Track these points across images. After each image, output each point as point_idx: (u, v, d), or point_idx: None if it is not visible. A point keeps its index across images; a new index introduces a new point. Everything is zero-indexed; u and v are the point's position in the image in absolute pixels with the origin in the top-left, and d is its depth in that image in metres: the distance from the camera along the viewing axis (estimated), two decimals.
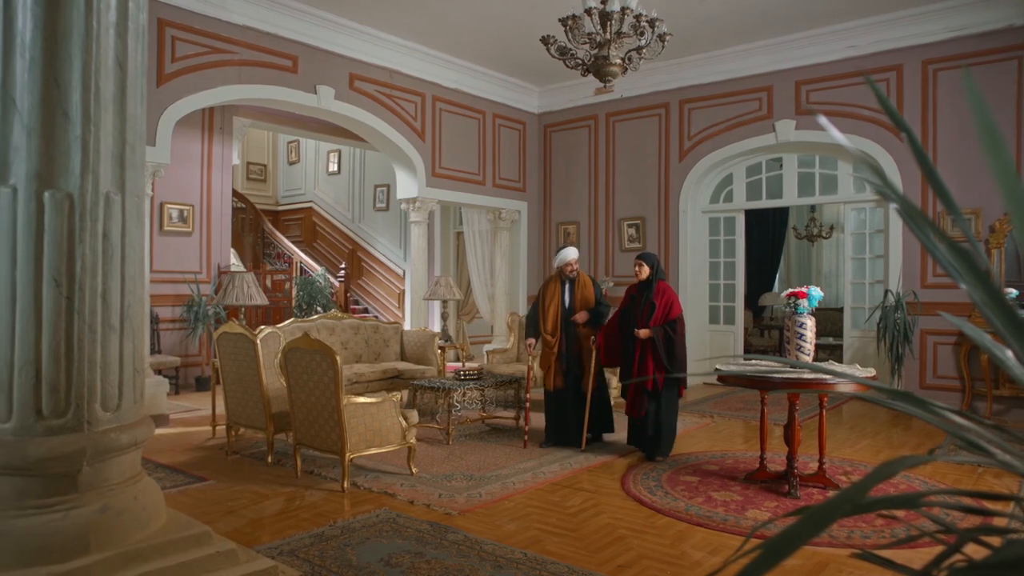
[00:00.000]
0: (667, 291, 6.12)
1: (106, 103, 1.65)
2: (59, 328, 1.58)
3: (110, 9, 1.67)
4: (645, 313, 6.09)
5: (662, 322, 6.01)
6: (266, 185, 15.23)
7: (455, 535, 4.36)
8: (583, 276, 6.72)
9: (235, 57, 7.68)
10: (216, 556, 1.76)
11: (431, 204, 9.75)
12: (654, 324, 6.00)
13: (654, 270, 6.17)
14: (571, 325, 6.53)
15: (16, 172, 1.58)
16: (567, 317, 6.53)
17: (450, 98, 9.99)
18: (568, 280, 6.62)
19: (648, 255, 6.29)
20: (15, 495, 1.57)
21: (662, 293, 6.06)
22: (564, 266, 6.63)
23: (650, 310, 6.08)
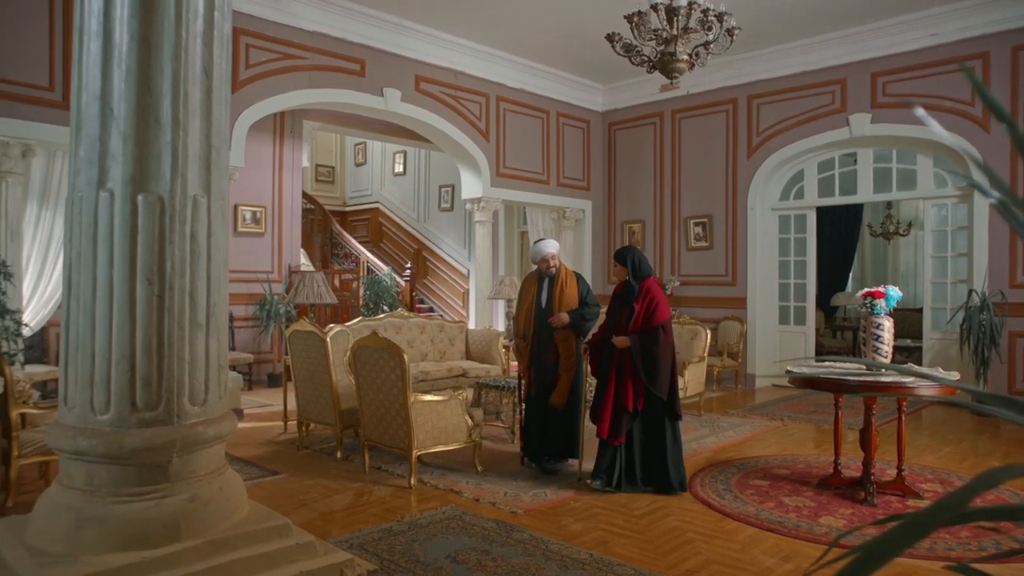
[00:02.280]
0: (651, 291, 5.19)
1: (194, 109, 1.73)
2: (151, 325, 1.66)
3: (198, 19, 1.75)
4: (624, 318, 5.20)
5: (642, 328, 5.10)
6: (334, 187, 15.59)
7: (520, 534, 4.37)
8: (565, 272, 5.85)
9: (306, 62, 7.88)
10: (296, 547, 1.82)
11: (495, 204, 9.80)
12: (633, 330, 5.10)
13: (634, 269, 5.25)
14: (545, 328, 5.70)
15: (113, 177, 1.66)
16: (541, 319, 5.71)
17: (514, 98, 10.02)
18: (547, 277, 5.80)
19: (623, 252, 5.37)
20: (112, 483, 1.65)
21: (644, 294, 5.15)
22: (540, 262, 5.82)
23: (629, 315, 5.18)
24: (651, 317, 5.09)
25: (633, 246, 5.48)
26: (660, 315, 5.10)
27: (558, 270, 5.78)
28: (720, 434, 7.09)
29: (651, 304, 5.11)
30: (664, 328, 5.10)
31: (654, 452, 5.16)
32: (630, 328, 5.12)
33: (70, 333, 1.70)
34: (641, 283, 5.18)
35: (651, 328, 5.08)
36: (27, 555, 1.60)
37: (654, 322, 5.09)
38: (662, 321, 5.09)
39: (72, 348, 1.68)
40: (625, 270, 5.29)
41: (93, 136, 1.67)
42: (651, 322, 5.09)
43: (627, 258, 5.29)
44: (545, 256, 5.79)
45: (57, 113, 6.12)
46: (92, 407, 1.66)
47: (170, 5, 1.69)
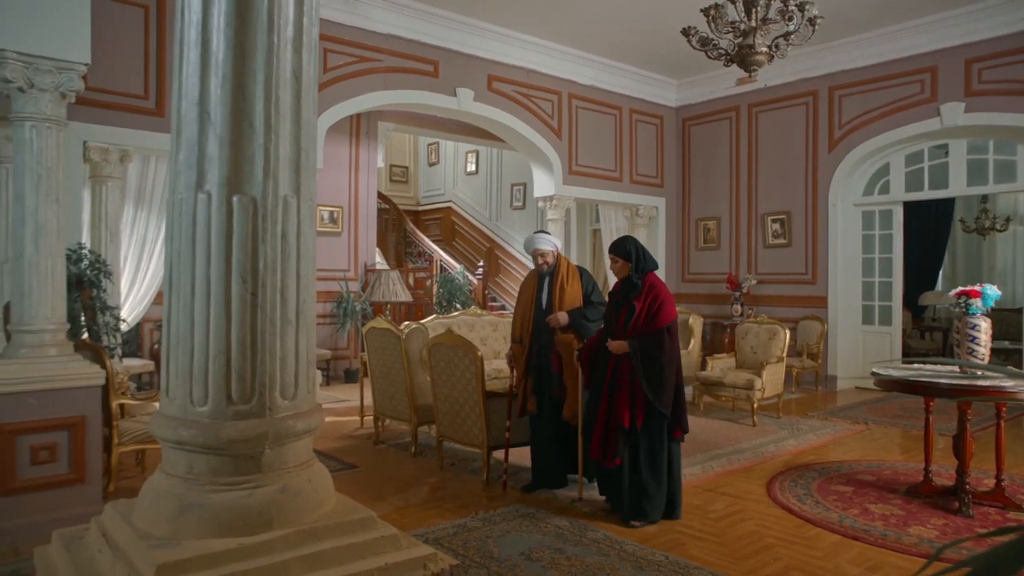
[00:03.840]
0: (655, 289, 4.42)
1: (284, 112, 1.79)
2: (245, 321, 1.73)
3: (288, 25, 1.81)
4: (622, 319, 4.45)
5: (643, 331, 4.33)
6: (408, 186, 15.88)
7: (594, 533, 4.35)
8: (566, 268, 5.17)
9: (380, 65, 8.05)
10: (381, 540, 1.86)
11: (568, 202, 9.77)
12: (632, 333, 4.35)
13: (635, 262, 4.47)
14: (544, 331, 5.09)
15: (210, 179, 1.74)
16: (540, 321, 5.11)
17: (586, 95, 9.96)
18: (546, 274, 5.20)
19: (620, 244, 4.58)
20: (210, 471, 1.73)
21: (647, 292, 4.39)
22: (532, 255, 5.24)
23: (628, 315, 4.41)
24: (654, 317, 4.30)
25: (631, 236, 4.76)
26: (665, 315, 4.33)
27: (557, 265, 5.15)
28: (799, 437, 6.88)
29: (655, 302, 4.33)
30: (670, 331, 4.33)
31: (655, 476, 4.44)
32: (629, 330, 4.36)
33: (171, 328, 1.79)
34: (644, 277, 4.44)
35: (654, 331, 4.30)
36: (135, 537, 1.70)
37: (658, 323, 4.30)
38: (668, 322, 4.32)
39: (173, 342, 1.77)
40: (626, 265, 4.50)
41: (192, 141, 1.75)
42: (654, 323, 4.30)
43: (629, 250, 4.50)
44: (535, 252, 5.17)
45: (151, 120, 6.44)
46: (191, 399, 1.74)
47: (263, 12, 1.76)
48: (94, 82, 4.73)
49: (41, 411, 4.40)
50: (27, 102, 4.40)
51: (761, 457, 6.11)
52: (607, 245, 10.83)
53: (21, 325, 4.46)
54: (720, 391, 7.75)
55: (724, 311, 10.33)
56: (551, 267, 5.13)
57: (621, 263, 4.52)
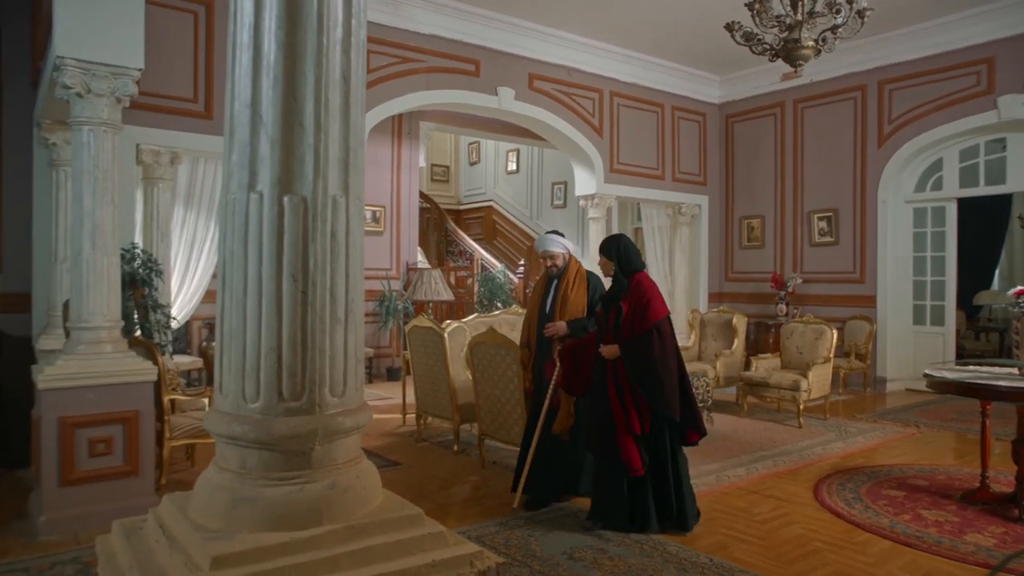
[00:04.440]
0: (641, 288, 4.28)
1: (333, 113, 1.81)
2: (296, 319, 1.76)
3: (337, 27, 1.83)
4: (611, 322, 4.32)
5: (632, 333, 4.20)
6: (449, 185, 15.97)
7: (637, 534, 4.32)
8: (574, 273, 4.95)
9: (422, 65, 8.11)
10: (428, 537, 1.87)
11: (609, 200, 9.72)
12: (623, 336, 4.23)
13: (620, 261, 4.36)
14: (544, 337, 4.91)
15: (262, 180, 1.77)
16: (542, 326, 4.96)
17: (628, 92, 9.89)
18: (554, 277, 5.01)
19: (605, 243, 4.49)
20: (262, 466, 1.76)
21: (633, 291, 4.27)
22: (543, 258, 5.05)
23: (615, 317, 4.29)
24: (642, 317, 4.18)
25: (621, 234, 4.64)
26: (653, 313, 4.19)
27: (566, 269, 4.94)
28: (847, 439, 6.73)
29: (640, 301, 4.20)
30: (659, 329, 4.19)
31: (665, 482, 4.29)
32: (621, 333, 4.23)
33: (224, 326, 1.83)
34: (630, 278, 4.33)
35: (643, 331, 4.17)
36: (191, 529, 1.74)
37: (646, 324, 4.17)
38: (656, 321, 4.18)
39: (226, 340, 1.81)
40: (611, 263, 4.40)
41: (244, 142, 1.78)
42: (643, 324, 4.18)
43: (612, 249, 4.39)
44: (543, 253, 4.99)
45: (200, 123, 6.59)
46: (244, 395, 1.77)
47: (312, 14, 1.79)
48: (146, 86, 4.87)
49: (98, 405, 4.55)
50: (85, 107, 4.55)
51: (807, 459, 6.00)
52: (649, 244, 10.76)
53: (79, 322, 4.61)
54: (765, 392, 7.62)
55: (768, 311, 10.15)
56: (560, 270, 4.93)
57: (604, 260, 4.44)
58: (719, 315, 8.98)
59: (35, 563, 3.94)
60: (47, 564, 3.92)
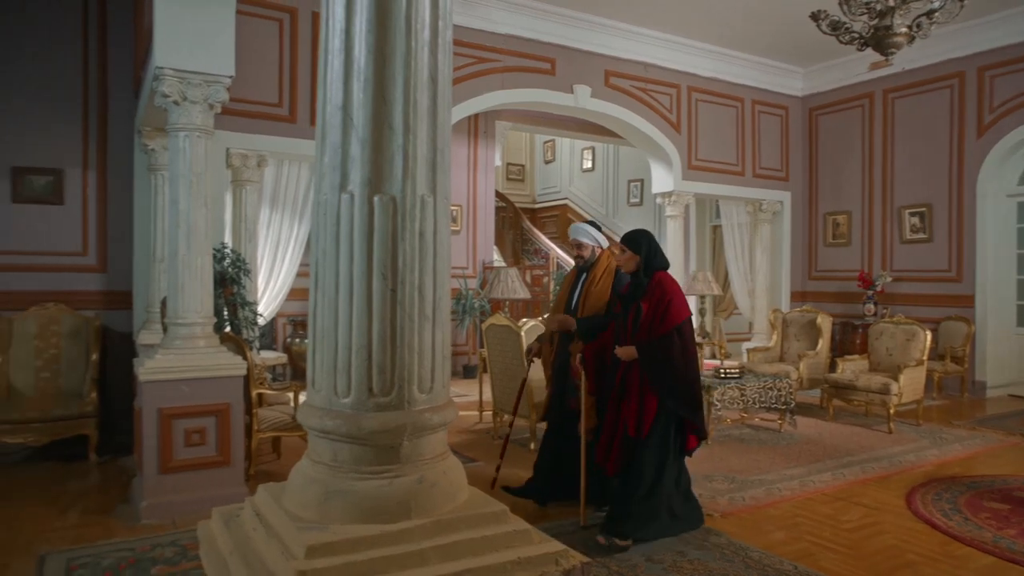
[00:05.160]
0: (662, 287, 4.06)
1: (421, 114, 1.84)
2: (385, 317, 1.80)
3: (425, 29, 1.86)
4: (630, 322, 4.14)
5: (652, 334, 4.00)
6: (524, 184, 16.02)
7: (718, 538, 4.24)
8: (603, 266, 4.69)
9: (499, 65, 8.15)
10: (513, 534, 1.88)
11: (687, 198, 9.53)
12: (641, 337, 4.03)
13: (647, 258, 4.13)
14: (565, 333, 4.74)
15: (353, 180, 1.82)
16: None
17: (706, 87, 9.68)
18: (583, 269, 4.77)
19: (633, 236, 4.23)
20: (353, 460, 1.81)
21: (654, 290, 4.04)
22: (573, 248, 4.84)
23: (635, 317, 4.10)
24: (663, 319, 3.97)
25: (647, 230, 4.36)
26: (674, 315, 3.98)
27: (595, 263, 4.70)
28: (943, 447, 6.40)
29: (661, 301, 3.99)
30: (680, 332, 4.00)
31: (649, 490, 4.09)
32: (639, 334, 4.03)
33: (316, 323, 1.88)
34: (651, 277, 4.10)
35: (663, 333, 3.97)
36: (286, 518, 1.80)
37: (667, 325, 3.96)
38: (678, 323, 3.99)
39: (318, 337, 1.87)
40: (634, 258, 4.13)
41: (336, 144, 1.83)
42: (663, 325, 3.97)
43: (643, 243, 4.13)
44: (572, 242, 4.78)
45: (285, 126, 6.82)
46: (335, 391, 1.83)
47: (401, 17, 1.82)
48: (235, 93, 5.09)
49: (192, 398, 4.77)
50: (181, 114, 4.78)
51: (899, 467, 5.74)
52: (728, 241, 10.51)
53: (175, 319, 4.85)
54: (852, 395, 7.33)
55: (855, 310, 9.75)
56: (587, 262, 4.71)
57: (629, 255, 4.14)
58: (802, 315, 8.69)
59: (138, 544, 4.18)
60: (148, 546, 4.14)
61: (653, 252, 4.15)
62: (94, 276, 6.94)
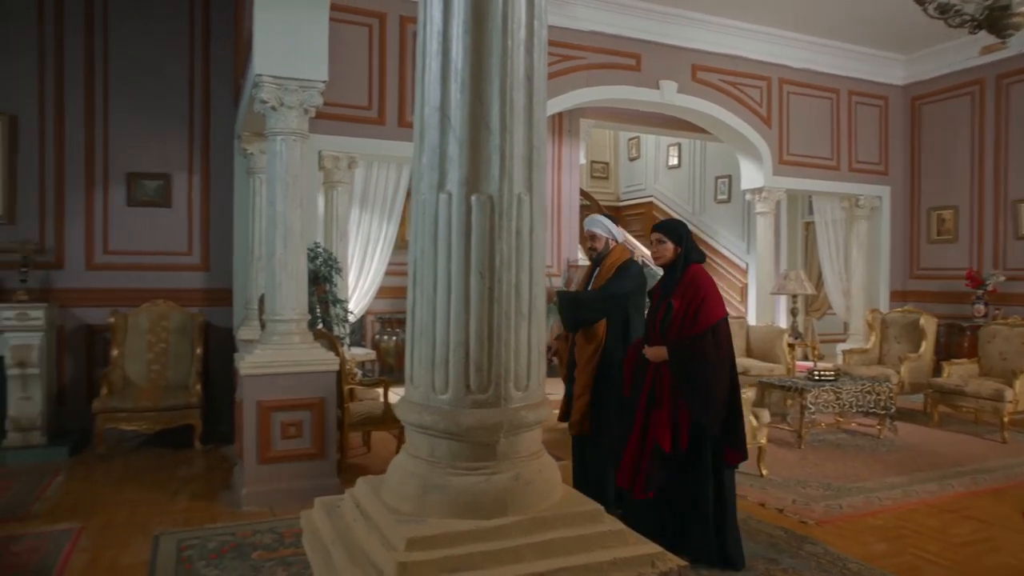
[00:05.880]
0: (697, 280, 3.73)
1: (518, 113, 1.85)
2: (482, 314, 1.82)
3: (520, 28, 1.87)
4: (659, 319, 3.79)
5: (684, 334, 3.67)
6: (608, 182, 15.88)
7: (813, 546, 4.09)
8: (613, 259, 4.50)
9: (583, 62, 8.10)
10: (608, 534, 1.87)
11: (778, 194, 9.22)
12: (672, 337, 3.70)
13: (687, 249, 3.82)
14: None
15: (450, 180, 1.85)
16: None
17: (798, 79, 9.32)
18: (596, 262, 4.62)
19: (672, 225, 3.93)
20: (450, 456, 1.84)
21: (687, 287, 3.70)
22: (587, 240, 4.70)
23: (665, 314, 3.75)
24: (696, 318, 3.63)
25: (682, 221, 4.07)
26: (708, 314, 3.63)
27: (606, 256, 4.54)
28: None
29: (694, 299, 3.65)
30: (716, 332, 3.64)
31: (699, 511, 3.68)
32: (670, 334, 3.70)
33: (415, 320, 1.92)
34: (686, 270, 3.76)
35: (696, 334, 3.62)
36: (385, 510, 1.85)
37: (700, 325, 3.62)
38: (712, 323, 3.63)
39: (417, 333, 1.90)
40: (673, 248, 3.81)
41: (434, 144, 1.87)
42: (697, 325, 3.62)
43: (684, 233, 3.83)
44: (586, 232, 4.62)
45: (375, 128, 6.99)
46: (433, 387, 1.86)
47: (497, 18, 1.84)
48: (328, 97, 5.26)
49: (289, 391, 4.97)
50: (278, 119, 4.99)
51: (1015, 479, 5.38)
52: (822, 238, 10.10)
53: (273, 315, 5.06)
54: (960, 401, 6.92)
55: (962, 311, 9.18)
56: (599, 255, 4.56)
57: (668, 245, 3.82)
58: (903, 315, 8.26)
59: (239, 529, 4.39)
60: (249, 531, 4.34)
61: (692, 242, 3.88)
62: (198, 274, 7.32)
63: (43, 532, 4.32)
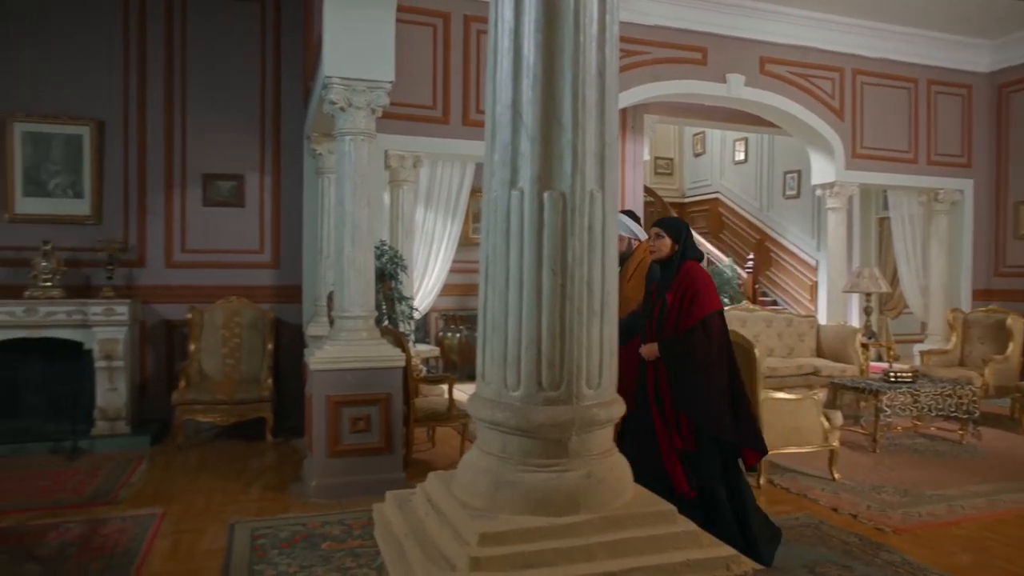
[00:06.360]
0: (689, 277, 3.69)
1: (589, 109, 1.84)
2: (555, 311, 1.82)
3: (592, 24, 1.86)
4: (655, 316, 3.78)
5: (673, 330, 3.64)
6: (672, 178, 15.64)
7: (890, 555, 3.94)
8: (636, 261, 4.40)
9: (648, 57, 8.00)
10: (682, 535, 1.84)
11: (851, 189, 8.90)
12: (668, 333, 3.67)
13: (685, 246, 3.78)
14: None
15: (522, 177, 1.85)
16: None
17: (873, 69, 8.98)
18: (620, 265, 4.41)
19: (672, 221, 3.92)
20: (521, 453, 1.85)
21: (680, 281, 3.67)
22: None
23: (661, 310, 3.74)
24: (688, 312, 3.58)
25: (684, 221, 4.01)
26: (700, 307, 3.58)
27: (629, 257, 4.43)
28: None
29: (687, 293, 3.60)
30: (707, 326, 3.58)
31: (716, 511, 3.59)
32: (665, 329, 3.67)
33: (487, 317, 1.93)
34: (680, 266, 3.71)
35: (687, 328, 3.56)
36: (457, 505, 1.87)
37: (691, 319, 3.57)
38: (702, 316, 3.58)
39: (489, 330, 1.91)
40: (671, 245, 3.77)
41: (505, 141, 1.87)
42: (687, 319, 3.57)
43: (683, 229, 3.81)
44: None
45: (439, 127, 7.06)
46: (505, 383, 1.86)
47: (569, 13, 1.83)
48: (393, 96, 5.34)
49: (357, 387, 5.07)
50: (346, 120, 5.09)
51: None
52: (898, 234, 9.71)
53: (341, 312, 5.17)
54: None
55: None
56: (623, 255, 4.43)
57: (667, 241, 3.78)
58: (987, 315, 7.87)
59: (309, 520, 4.50)
60: (319, 523, 4.45)
61: (691, 241, 3.85)
62: (268, 272, 7.55)
63: (129, 516, 4.54)
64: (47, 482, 5.29)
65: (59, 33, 6.91)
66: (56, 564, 3.82)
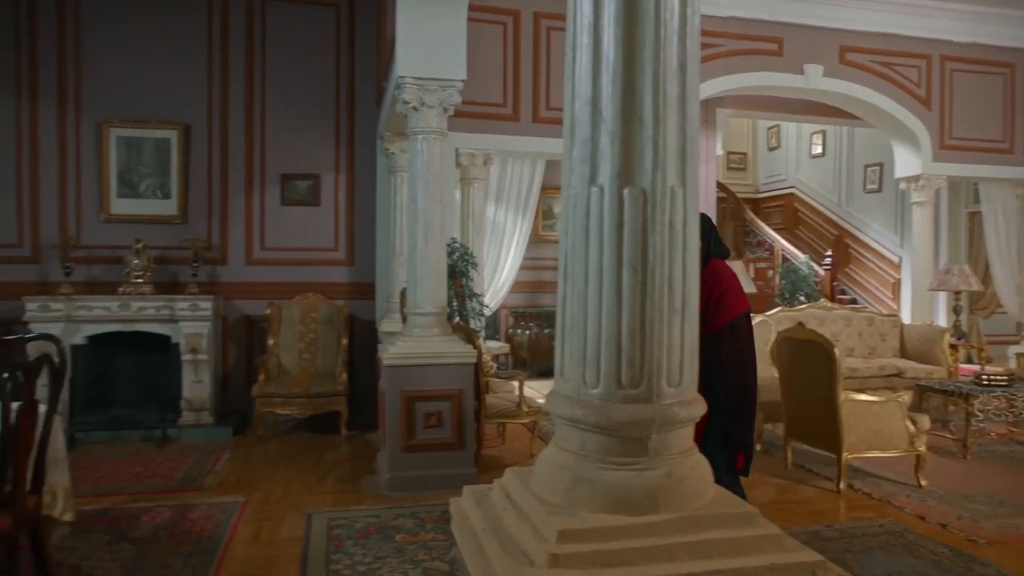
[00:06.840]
0: (716, 276, 3.53)
1: (671, 104, 1.81)
2: (635, 309, 1.80)
3: (673, 16, 1.83)
4: None
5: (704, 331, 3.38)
6: (745, 173, 15.25)
7: (984, 568, 3.75)
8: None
9: (721, 49, 7.83)
10: (765, 538, 1.80)
11: (938, 181, 8.50)
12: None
13: (711, 242, 3.58)
14: None
15: (602, 173, 1.84)
16: None
17: (963, 54, 8.54)
18: None
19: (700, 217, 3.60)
20: (600, 450, 1.84)
21: (707, 280, 3.37)
22: None
23: None
24: (715, 313, 3.45)
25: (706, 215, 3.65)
26: (728, 309, 3.46)
27: None
28: None
29: (712, 293, 3.44)
30: (735, 328, 3.48)
31: None
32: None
33: (566, 314, 1.93)
34: (708, 264, 3.51)
35: (715, 330, 3.40)
36: (535, 502, 1.87)
37: (719, 320, 3.43)
38: (732, 318, 3.46)
39: (567, 327, 1.91)
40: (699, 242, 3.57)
41: (585, 138, 1.86)
42: (716, 320, 3.43)
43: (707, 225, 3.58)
44: None
45: (510, 125, 7.09)
46: (584, 381, 1.86)
47: (649, 6, 1.81)
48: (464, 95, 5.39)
49: (429, 382, 5.15)
50: (419, 119, 5.17)
51: None
52: (991, 229, 9.22)
53: (414, 308, 5.25)
54: None
55: None
56: None
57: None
58: None
59: (383, 512, 4.60)
60: (392, 515, 4.54)
61: (716, 237, 3.69)
62: (343, 269, 7.75)
63: (214, 503, 4.74)
64: (140, 468, 5.59)
65: (148, 44, 7.26)
66: (149, 545, 4.03)
